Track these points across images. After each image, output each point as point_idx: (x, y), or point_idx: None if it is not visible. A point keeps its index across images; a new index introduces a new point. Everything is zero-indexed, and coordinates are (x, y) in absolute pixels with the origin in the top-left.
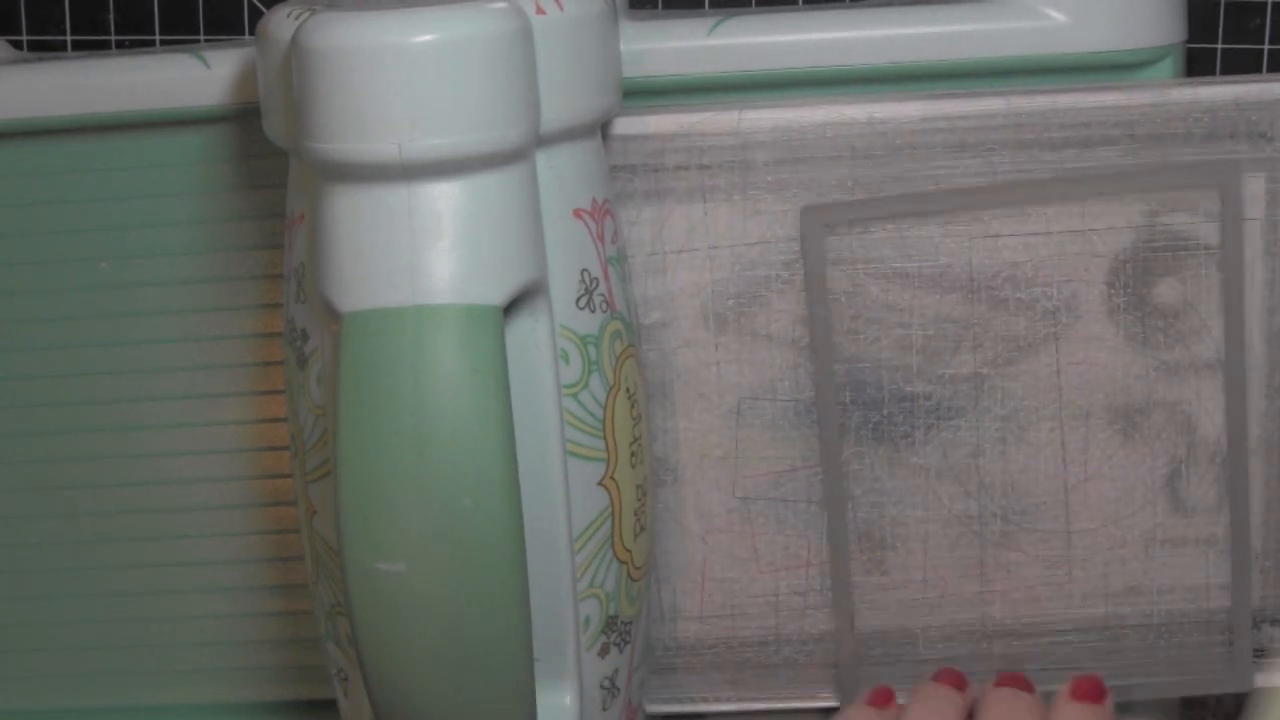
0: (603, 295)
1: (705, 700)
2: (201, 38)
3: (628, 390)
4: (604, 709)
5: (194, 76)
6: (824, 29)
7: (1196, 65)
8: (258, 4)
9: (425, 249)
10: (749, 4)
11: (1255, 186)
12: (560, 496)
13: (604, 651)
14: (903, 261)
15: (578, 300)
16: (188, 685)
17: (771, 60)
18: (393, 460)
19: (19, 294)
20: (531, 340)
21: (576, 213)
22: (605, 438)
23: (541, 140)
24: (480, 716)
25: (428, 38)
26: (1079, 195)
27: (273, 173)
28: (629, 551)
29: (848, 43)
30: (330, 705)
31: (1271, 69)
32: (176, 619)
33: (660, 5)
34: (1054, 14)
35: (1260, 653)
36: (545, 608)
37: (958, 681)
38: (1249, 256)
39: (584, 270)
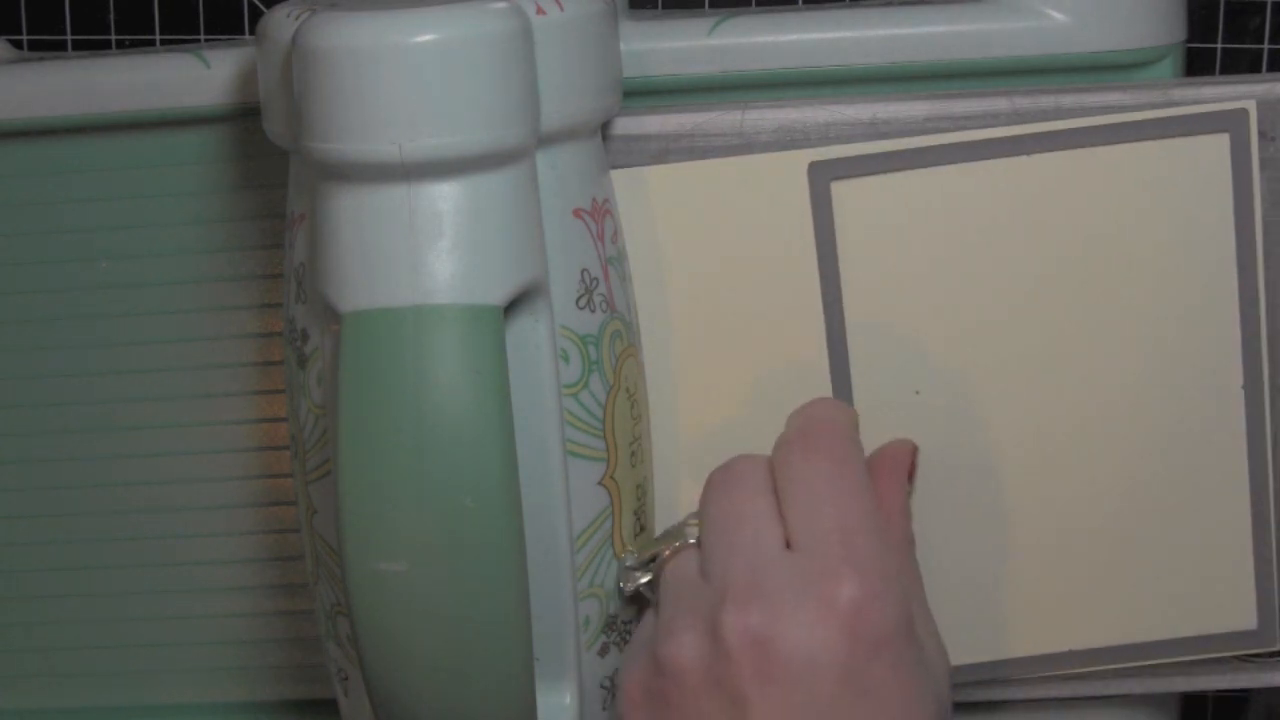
0: (603, 295)
1: None
2: (201, 38)
3: (628, 390)
4: (604, 709)
5: (194, 76)
6: (824, 29)
7: (1196, 65)
8: (258, 4)
9: (425, 249)
10: (749, 4)
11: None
12: (560, 496)
13: (604, 651)
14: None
15: (578, 300)
16: (188, 685)
17: (771, 60)
18: (393, 460)
19: (19, 294)
20: (531, 340)
21: (576, 213)
22: (605, 437)
23: (541, 140)
24: (480, 716)
25: (428, 38)
26: (1091, 143)
27: (273, 173)
28: (629, 551)
29: (848, 43)
30: (330, 705)
31: (1271, 69)
32: (176, 619)
33: (660, 5)
34: (1054, 14)
35: None
36: (545, 608)
37: None
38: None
39: (584, 270)
